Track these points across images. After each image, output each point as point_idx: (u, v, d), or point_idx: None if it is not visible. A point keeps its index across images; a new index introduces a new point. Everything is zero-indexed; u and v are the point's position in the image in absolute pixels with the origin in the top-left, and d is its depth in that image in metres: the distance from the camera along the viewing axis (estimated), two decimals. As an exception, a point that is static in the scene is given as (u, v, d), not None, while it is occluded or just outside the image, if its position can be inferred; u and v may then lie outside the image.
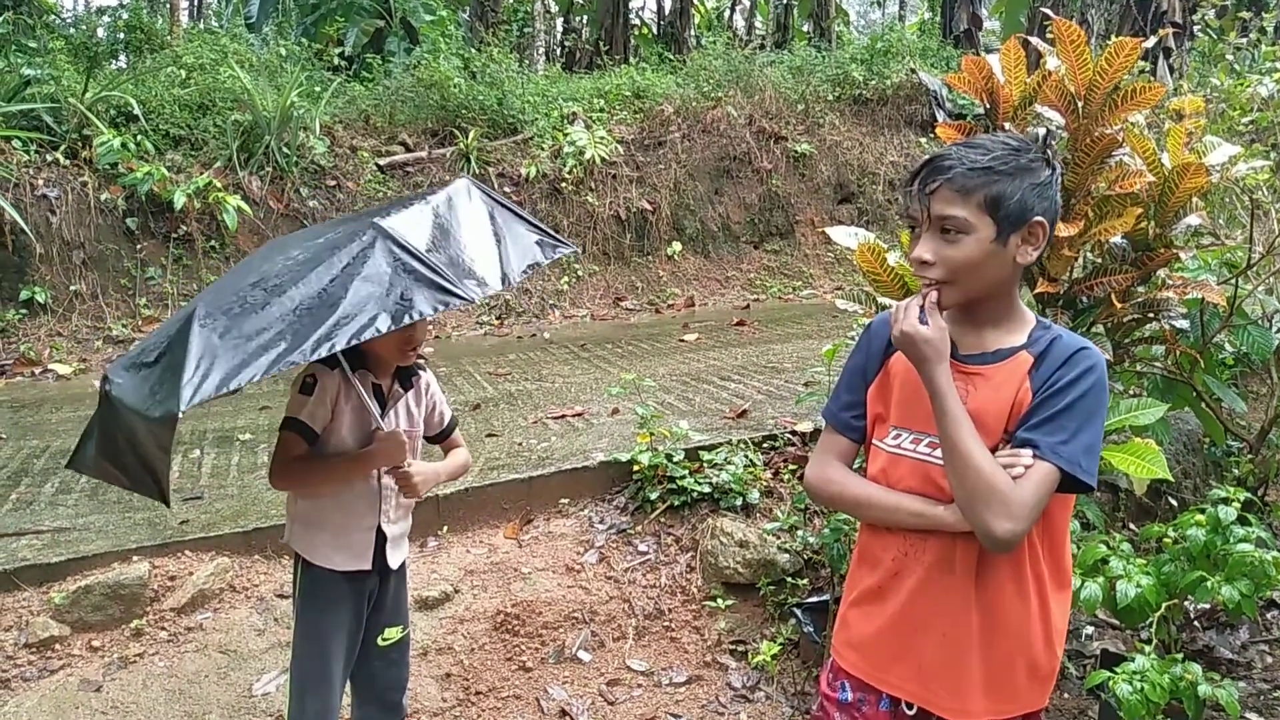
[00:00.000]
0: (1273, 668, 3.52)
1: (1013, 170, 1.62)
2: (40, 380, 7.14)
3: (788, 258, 11.11)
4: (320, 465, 2.29)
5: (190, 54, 9.97)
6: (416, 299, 1.81)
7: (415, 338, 2.29)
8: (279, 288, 1.84)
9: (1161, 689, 2.55)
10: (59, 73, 8.69)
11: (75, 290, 8.01)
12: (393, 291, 1.82)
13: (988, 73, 3.05)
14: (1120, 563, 2.89)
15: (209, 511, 4.13)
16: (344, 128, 9.94)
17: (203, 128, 8.96)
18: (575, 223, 10.07)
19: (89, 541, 3.79)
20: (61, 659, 3.36)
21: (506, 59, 11.22)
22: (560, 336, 8.52)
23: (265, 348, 1.71)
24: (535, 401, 5.82)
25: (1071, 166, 2.91)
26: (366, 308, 1.78)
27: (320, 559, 2.33)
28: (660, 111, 11.08)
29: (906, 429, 1.74)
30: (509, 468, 4.46)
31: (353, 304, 1.79)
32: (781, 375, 6.20)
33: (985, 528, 1.57)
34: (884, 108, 12.48)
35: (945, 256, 1.65)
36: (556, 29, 19.43)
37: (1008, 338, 1.71)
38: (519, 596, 3.73)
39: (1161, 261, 3.03)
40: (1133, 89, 2.86)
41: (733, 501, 4.04)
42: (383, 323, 1.77)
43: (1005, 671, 1.70)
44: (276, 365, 1.69)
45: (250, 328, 1.75)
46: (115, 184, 8.22)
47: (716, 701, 3.37)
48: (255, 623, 3.56)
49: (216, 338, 1.72)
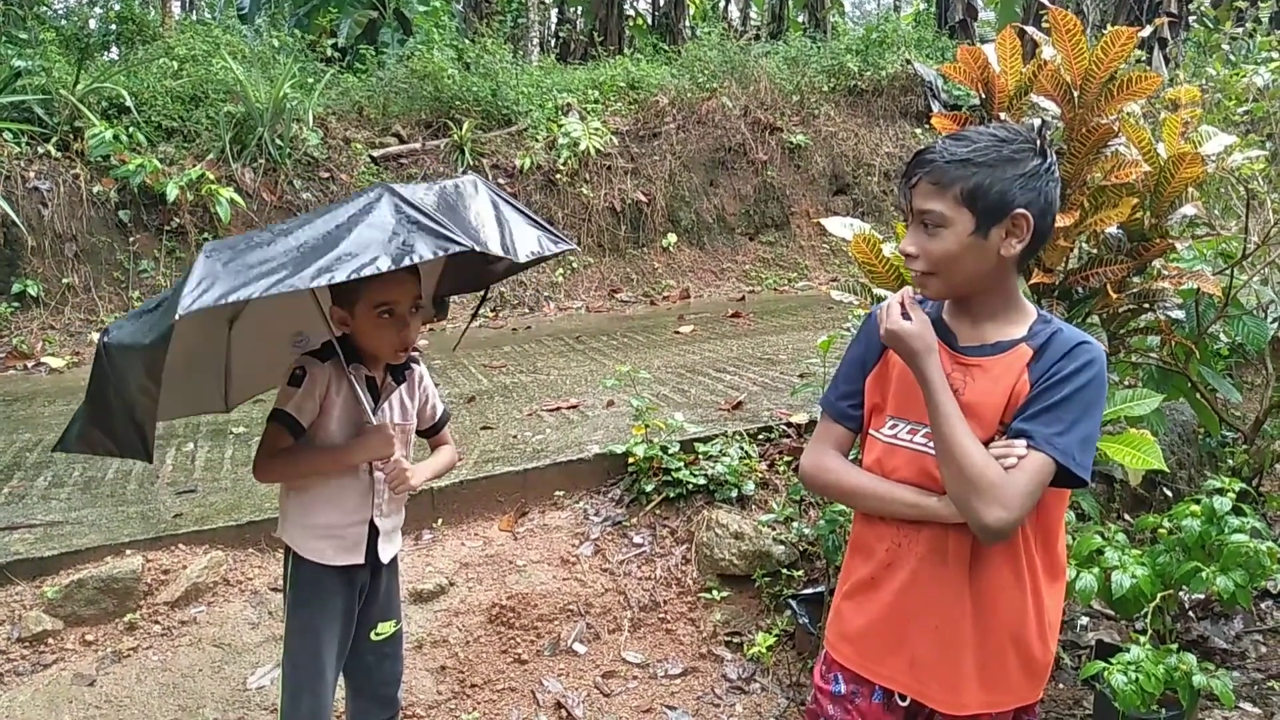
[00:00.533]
0: (1266, 657, 3.53)
1: (993, 162, 1.59)
2: (33, 374, 7.11)
3: (783, 249, 11.10)
4: (304, 457, 2.28)
5: (182, 45, 9.91)
6: (417, 244, 1.85)
7: (408, 337, 2.27)
8: (285, 231, 1.92)
9: (1156, 679, 2.55)
10: (50, 64, 8.62)
11: (67, 283, 7.98)
12: (395, 238, 1.86)
13: (983, 63, 3.04)
14: (1115, 553, 2.90)
15: (202, 505, 4.12)
16: (337, 119, 9.90)
17: (195, 119, 8.91)
18: (570, 214, 10.05)
19: (82, 535, 3.77)
20: (54, 653, 3.35)
21: (500, 50, 11.17)
22: (555, 328, 8.50)
23: (266, 274, 1.78)
24: (530, 394, 5.80)
25: (1067, 156, 2.90)
26: (369, 249, 1.83)
27: (312, 553, 2.32)
28: (655, 103, 11.04)
29: (904, 419, 1.73)
30: (504, 460, 4.45)
31: (355, 244, 1.84)
32: (777, 367, 6.20)
33: (976, 517, 1.56)
34: (879, 98, 12.45)
35: (926, 249, 1.65)
36: (551, 20, 19.36)
37: (1007, 330, 1.70)
38: (514, 589, 3.73)
39: (1157, 252, 3.03)
40: (1128, 79, 2.85)
41: (728, 493, 4.04)
42: (383, 263, 1.81)
43: (998, 663, 1.70)
44: (276, 287, 1.75)
45: (254, 258, 1.83)
46: (107, 176, 8.18)
47: (712, 693, 3.37)
48: (249, 616, 3.55)
49: (220, 265, 1.80)
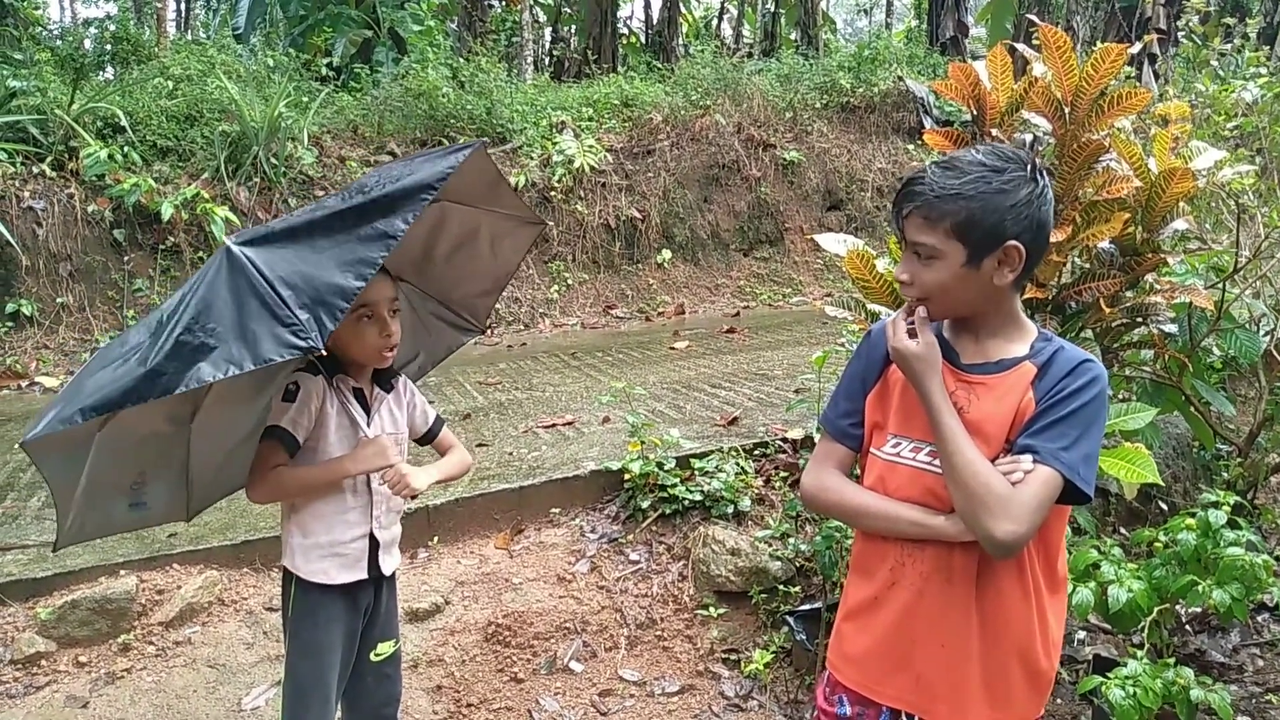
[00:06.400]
0: (1264, 671, 3.52)
1: (985, 194, 1.59)
2: (26, 393, 7.09)
3: (777, 265, 11.13)
4: (301, 473, 2.24)
5: (177, 65, 9.93)
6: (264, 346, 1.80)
7: (391, 337, 2.27)
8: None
9: (1154, 694, 2.55)
10: (45, 84, 8.64)
11: (62, 303, 7.97)
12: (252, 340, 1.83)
13: (974, 79, 3.06)
14: (1112, 567, 2.89)
15: (197, 524, 4.08)
16: (332, 138, 9.92)
17: (190, 139, 8.93)
18: (565, 231, 10.08)
19: (75, 556, 3.74)
20: (48, 675, 3.32)
21: (495, 68, 11.21)
22: (550, 345, 8.51)
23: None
24: (526, 410, 5.80)
25: (1059, 172, 2.91)
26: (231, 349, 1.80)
27: (316, 575, 2.30)
28: (649, 120, 11.09)
29: (906, 437, 1.73)
30: (499, 477, 4.44)
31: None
32: (772, 382, 6.20)
33: (986, 532, 1.56)
34: (872, 115, 12.52)
35: (920, 278, 1.66)
36: (545, 38, 19.44)
37: (1010, 347, 1.70)
38: (510, 607, 3.71)
39: (1149, 266, 3.04)
40: (1119, 95, 2.87)
41: (724, 509, 4.03)
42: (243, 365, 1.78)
43: (1004, 680, 1.70)
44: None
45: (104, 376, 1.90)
46: (102, 195, 8.19)
47: (709, 711, 3.36)
48: (244, 636, 3.53)
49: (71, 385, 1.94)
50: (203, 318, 1.81)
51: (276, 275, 1.83)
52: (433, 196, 1.95)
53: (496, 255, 2.75)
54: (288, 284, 1.81)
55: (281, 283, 1.81)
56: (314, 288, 1.82)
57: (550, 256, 10.02)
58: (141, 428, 2.14)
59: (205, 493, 2.52)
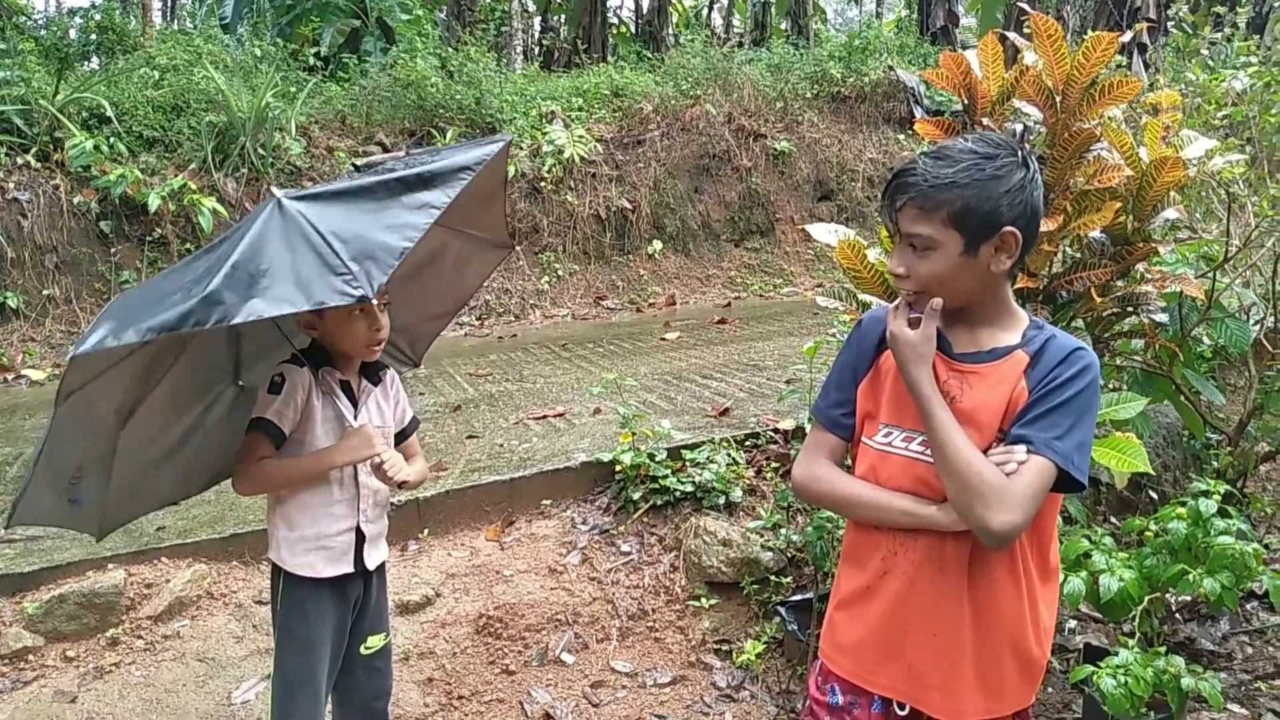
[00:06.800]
0: (1253, 658, 3.54)
1: (979, 181, 1.59)
2: (13, 386, 7.04)
3: (768, 255, 11.12)
4: (286, 464, 2.23)
5: (164, 55, 9.84)
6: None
7: (380, 330, 2.26)
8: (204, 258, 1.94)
9: (1145, 682, 2.56)
10: (29, 74, 8.57)
11: (48, 295, 7.91)
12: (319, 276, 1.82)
13: (965, 69, 3.05)
14: (1102, 557, 2.90)
15: (185, 518, 4.07)
16: (320, 128, 9.86)
17: (177, 129, 8.86)
18: (555, 222, 10.04)
19: (63, 550, 3.73)
20: (35, 670, 3.30)
21: (484, 58, 11.16)
22: (541, 336, 8.48)
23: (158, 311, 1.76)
24: (516, 402, 5.78)
25: (1050, 161, 2.91)
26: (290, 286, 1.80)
27: (302, 568, 2.29)
28: (639, 110, 11.06)
29: (898, 427, 1.72)
30: (490, 469, 4.42)
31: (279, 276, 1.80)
32: (763, 373, 6.19)
33: (982, 523, 1.56)
34: (862, 105, 12.51)
35: (916, 270, 1.65)
36: (534, 28, 19.38)
37: (1002, 336, 1.70)
38: (501, 599, 3.70)
39: (1140, 255, 3.04)
40: (1110, 84, 2.86)
41: (715, 500, 4.02)
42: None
43: (996, 669, 1.69)
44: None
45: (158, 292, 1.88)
46: (88, 187, 8.13)
47: (701, 701, 3.35)
48: (234, 630, 3.52)
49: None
50: (256, 258, 1.79)
51: (329, 229, 1.84)
52: (470, 177, 1.99)
53: (461, 276, 2.73)
54: (340, 238, 1.82)
55: (334, 236, 1.82)
56: (364, 243, 1.82)
57: (540, 247, 9.98)
58: (99, 405, 2.05)
59: (118, 509, 2.35)
